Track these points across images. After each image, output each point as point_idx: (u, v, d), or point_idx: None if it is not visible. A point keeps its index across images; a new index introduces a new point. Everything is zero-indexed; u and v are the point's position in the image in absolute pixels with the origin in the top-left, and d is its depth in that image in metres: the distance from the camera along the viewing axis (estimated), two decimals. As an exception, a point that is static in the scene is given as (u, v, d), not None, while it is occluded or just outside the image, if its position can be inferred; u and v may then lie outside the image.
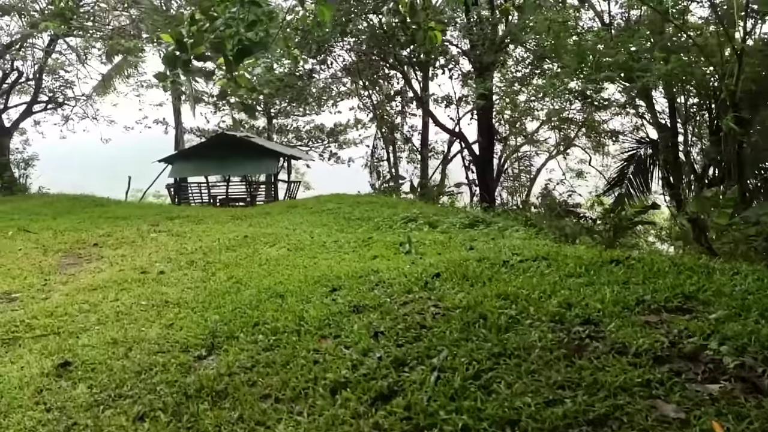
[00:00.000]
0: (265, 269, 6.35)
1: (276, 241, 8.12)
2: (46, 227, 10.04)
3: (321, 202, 13.29)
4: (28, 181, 16.74)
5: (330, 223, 10.46)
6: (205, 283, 6.04)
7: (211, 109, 30.68)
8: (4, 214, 11.44)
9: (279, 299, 5.07)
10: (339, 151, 32.56)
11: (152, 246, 8.37)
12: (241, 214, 11.91)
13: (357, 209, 12.13)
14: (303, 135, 32.41)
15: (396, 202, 13.40)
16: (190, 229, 9.64)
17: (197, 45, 4.61)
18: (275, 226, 10.13)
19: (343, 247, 7.17)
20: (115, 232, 9.47)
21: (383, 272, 5.32)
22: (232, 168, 21.87)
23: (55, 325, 5.05)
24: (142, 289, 5.98)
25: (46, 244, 8.58)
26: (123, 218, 11.38)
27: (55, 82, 17.54)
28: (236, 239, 8.40)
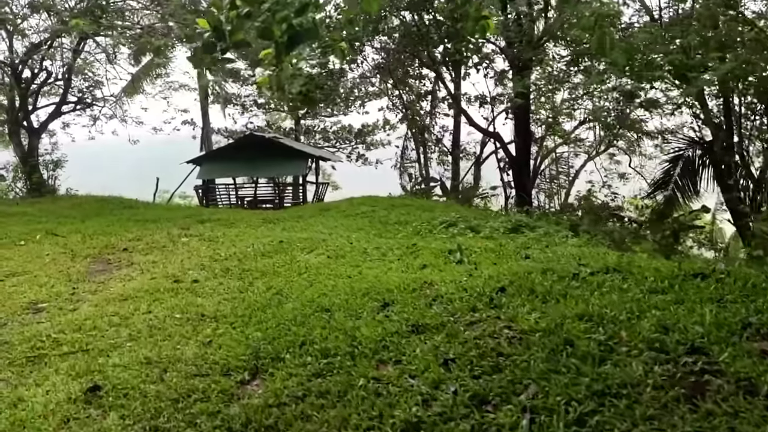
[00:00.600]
0: (306, 279, 5.91)
1: (313, 246, 7.68)
2: (75, 230, 9.76)
3: (354, 205, 12.84)
4: (57, 183, 16.61)
5: (366, 228, 10.00)
6: (242, 294, 5.61)
7: (238, 110, 30.55)
8: (33, 217, 11.22)
9: (325, 314, 4.62)
10: (366, 152, 32.17)
11: (184, 251, 8.00)
12: (273, 217, 11.52)
13: (392, 213, 11.66)
14: (330, 136, 32.07)
15: (432, 205, 12.90)
16: (222, 233, 9.26)
17: (236, 31, 4.19)
18: (310, 230, 9.70)
19: (387, 255, 6.70)
20: (145, 236, 9.14)
21: (438, 285, 4.84)
22: (260, 169, 21.56)
23: (83, 340, 4.67)
24: (176, 299, 5.58)
25: (74, 249, 8.27)
26: (152, 221, 11.07)
27: (84, 83, 17.44)
28: (271, 244, 7.98)
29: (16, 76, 15.02)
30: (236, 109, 30.52)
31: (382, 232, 9.55)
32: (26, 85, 15.45)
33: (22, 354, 4.50)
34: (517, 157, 16.27)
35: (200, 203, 22.72)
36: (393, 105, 23.96)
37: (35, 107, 16.63)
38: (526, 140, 15.96)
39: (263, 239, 8.53)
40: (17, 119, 15.59)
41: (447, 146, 22.67)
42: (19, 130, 15.98)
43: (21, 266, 7.42)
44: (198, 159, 22.63)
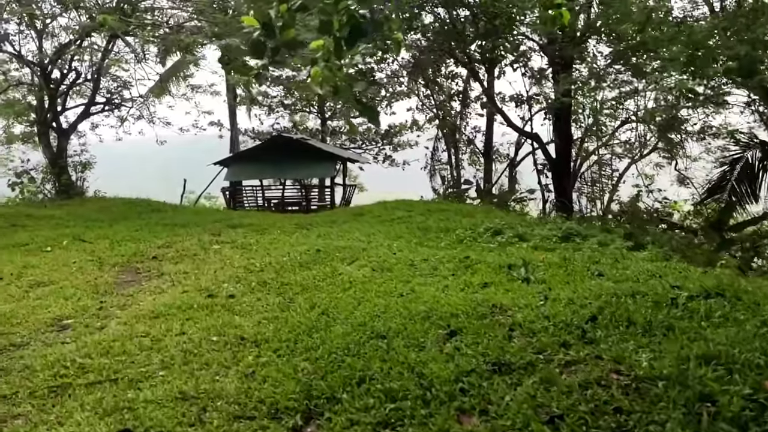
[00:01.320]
0: (352, 296, 5.35)
1: (354, 257, 7.13)
2: (102, 236, 9.35)
3: (389, 210, 12.28)
4: (85, 185, 16.33)
5: (405, 235, 9.42)
6: (284, 313, 5.07)
7: (265, 111, 30.24)
8: (60, 221, 10.86)
9: (381, 342, 4.07)
10: (394, 153, 31.63)
11: (216, 260, 7.51)
12: (306, 223, 11.01)
13: (431, 218, 11.07)
14: (356, 137, 31.58)
15: (471, 209, 12.27)
16: (255, 240, 8.77)
17: (288, 27, 3.65)
18: (346, 237, 9.16)
19: (439, 269, 6.11)
20: (175, 243, 8.68)
21: (511, 310, 4.23)
22: (289, 171, 21.13)
23: (111, 367, 4.16)
24: (211, 318, 5.06)
25: (102, 257, 7.83)
26: (181, 226, 10.64)
27: (113, 83, 17.15)
28: (308, 254, 7.45)
29: (45, 76, 14.77)
30: (263, 110, 30.25)
31: (423, 240, 8.97)
32: (55, 85, 15.20)
33: (45, 383, 4.01)
34: (557, 159, 15.55)
35: (227, 205, 22.38)
36: (423, 105, 23.33)
37: (64, 108, 16.39)
38: (566, 141, 15.23)
39: (299, 247, 8.02)
40: (46, 120, 15.35)
41: (479, 147, 21.97)
42: (48, 131, 15.74)
43: (47, 275, 7.00)
44: (226, 160, 22.29)
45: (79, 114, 16.32)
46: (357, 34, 3.30)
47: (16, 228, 9.97)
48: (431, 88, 21.25)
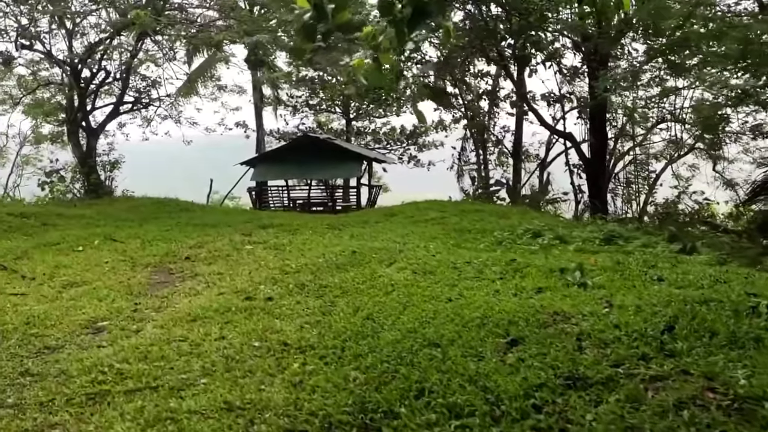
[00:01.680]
0: (396, 300, 5.10)
1: (391, 258, 6.88)
2: (133, 235, 9.24)
3: (421, 210, 12.02)
4: (114, 184, 16.34)
5: (441, 236, 9.16)
6: (326, 317, 4.84)
7: (289, 111, 30.19)
8: (91, 220, 10.80)
9: (436, 351, 3.81)
10: (419, 153, 31.38)
11: (250, 261, 7.32)
12: (337, 223, 10.79)
13: (465, 219, 10.80)
14: (381, 137, 31.39)
15: (505, 210, 11.95)
16: (287, 240, 8.57)
17: (341, 10, 3.41)
18: (380, 238, 8.92)
19: (484, 273, 5.83)
20: (207, 243, 8.52)
21: (574, 318, 3.95)
22: (316, 171, 20.98)
23: (150, 373, 3.97)
24: (251, 322, 4.85)
25: (134, 257, 7.70)
26: (212, 226, 10.50)
27: (142, 82, 17.15)
28: (344, 255, 7.22)
29: (75, 75, 14.80)
30: (287, 111, 30.19)
31: (460, 242, 8.69)
32: (85, 84, 15.22)
33: (82, 389, 3.83)
34: (592, 158, 15.13)
35: (253, 205, 22.33)
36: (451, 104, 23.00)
37: (94, 107, 16.42)
38: (602, 141, 14.81)
39: (334, 248, 7.79)
40: (76, 119, 15.38)
41: (507, 147, 21.60)
42: (77, 130, 15.78)
43: (79, 275, 6.87)
44: (252, 160, 22.23)
45: (108, 113, 16.34)
46: (421, 16, 3.04)
47: (47, 227, 9.92)
48: (459, 87, 20.93)
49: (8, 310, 5.59)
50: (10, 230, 9.49)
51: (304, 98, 29.75)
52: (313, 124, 31.25)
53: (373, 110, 29.78)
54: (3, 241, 8.81)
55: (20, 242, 8.70)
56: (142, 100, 17.35)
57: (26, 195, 19.18)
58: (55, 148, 21.88)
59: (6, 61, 13.09)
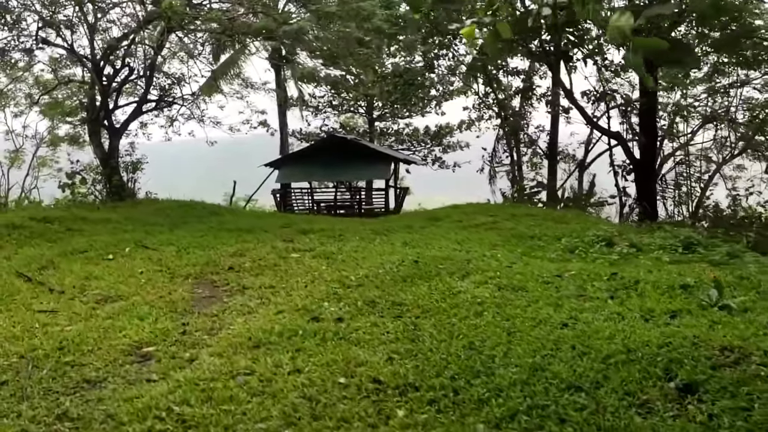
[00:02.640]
0: (494, 324, 4.30)
1: (462, 270, 6.08)
2: (166, 242, 8.50)
3: (468, 214, 11.22)
4: (136, 186, 15.63)
5: (502, 243, 8.35)
6: (416, 345, 4.05)
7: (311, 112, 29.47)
8: (117, 225, 10.08)
9: (581, 396, 3.01)
10: (444, 154, 30.59)
11: (301, 272, 6.55)
12: (382, 228, 9.98)
13: (520, 224, 9.98)
14: (405, 138, 30.62)
15: (559, 215, 11.11)
16: (336, 247, 7.78)
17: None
18: (436, 245, 8.11)
19: (586, 290, 5.01)
20: (248, 251, 7.76)
21: (754, 354, 3.12)
22: (343, 173, 20.22)
23: (220, 421, 3.20)
24: (326, 350, 4.07)
25: (171, 267, 6.95)
26: (247, 231, 9.74)
27: (166, 80, 16.45)
28: (405, 265, 6.44)
29: (97, 71, 14.13)
30: (309, 111, 29.47)
31: (526, 249, 7.88)
32: (108, 81, 14.55)
33: (136, 442, 3.07)
34: (642, 159, 14.22)
35: (278, 208, 21.60)
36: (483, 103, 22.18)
37: (116, 105, 15.75)
38: (652, 140, 13.90)
39: (390, 257, 7.02)
40: (98, 118, 14.71)
41: (542, 148, 20.72)
42: (99, 129, 15.10)
43: (113, 288, 6.13)
44: (276, 162, 21.51)
45: (131, 112, 15.65)
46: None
47: (72, 232, 9.20)
48: (492, 85, 20.08)
49: (37, 332, 4.85)
50: (33, 236, 8.78)
51: (327, 98, 29.04)
52: (336, 124, 30.54)
53: (398, 110, 28.99)
54: (26, 248, 8.10)
55: (44, 249, 7.98)
56: (166, 98, 16.63)
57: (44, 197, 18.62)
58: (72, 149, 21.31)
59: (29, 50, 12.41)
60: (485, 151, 22.79)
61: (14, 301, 5.71)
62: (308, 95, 28.15)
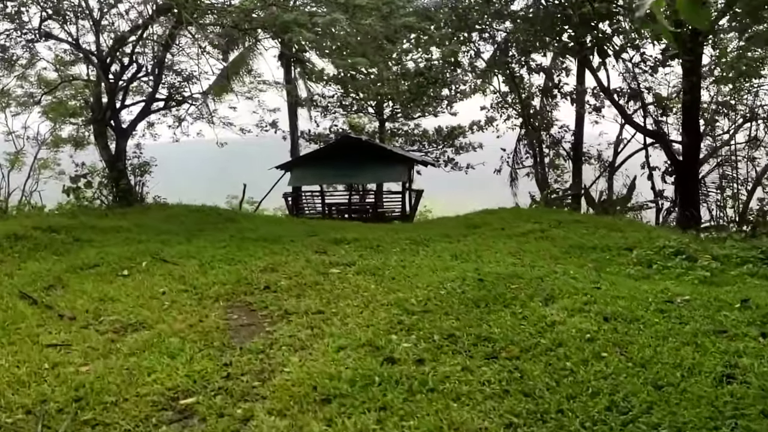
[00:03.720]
0: (625, 371, 3.41)
1: (542, 292, 5.20)
2: (185, 254, 7.60)
3: (507, 221, 10.34)
4: (144, 190, 14.74)
5: (563, 256, 7.48)
6: (535, 402, 3.16)
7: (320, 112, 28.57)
8: (129, 234, 9.17)
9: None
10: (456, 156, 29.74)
11: (349, 293, 5.65)
12: (418, 236, 9.06)
13: (570, 232, 9.09)
14: (416, 138, 29.74)
15: (609, 222, 10.21)
16: (379, 261, 6.89)
17: None
18: (489, 259, 7.23)
19: (724, 323, 4.11)
20: (280, 265, 6.87)
21: None
22: (359, 175, 19.35)
23: None
24: (420, 410, 3.21)
25: (197, 285, 6.05)
26: (272, 240, 8.85)
27: (177, 77, 15.53)
28: (468, 284, 5.56)
29: (104, 68, 13.23)
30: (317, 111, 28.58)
31: (597, 264, 6.98)
32: (115, 79, 13.65)
33: None
34: (684, 160, 13.33)
35: (289, 212, 20.73)
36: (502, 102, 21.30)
37: (123, 105, 14.85)
38: (695, 140, 13.01)
39: (446, 274, 6.13)
40: (104, 118, 13.82)
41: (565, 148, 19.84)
42: (105, 130, 14.20)
43: (133, 313, 5.23)
44: (288, 164, 20.64)
45: (139, 112, 14.75)
46: None
47: (81, 243, 8.31)
48: (512, 83, 19.18)
49: (47, 375, 3.97)
50: (37, 248, 7.88)
51: (336, 98, 28.14)
52: (345, 125, 29.66)
53: (411, 110, 28.12)
54: (30, 262, 7.21)
55: (50, 264, 7.09)
56: (176, 97, 15.72)
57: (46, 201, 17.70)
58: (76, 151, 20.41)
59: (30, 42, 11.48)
60: (504, 152, 21.92)
61: (18, 332, 4.82)
62: (317, 95, 27.29)
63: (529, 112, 19.10)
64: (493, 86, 21.38)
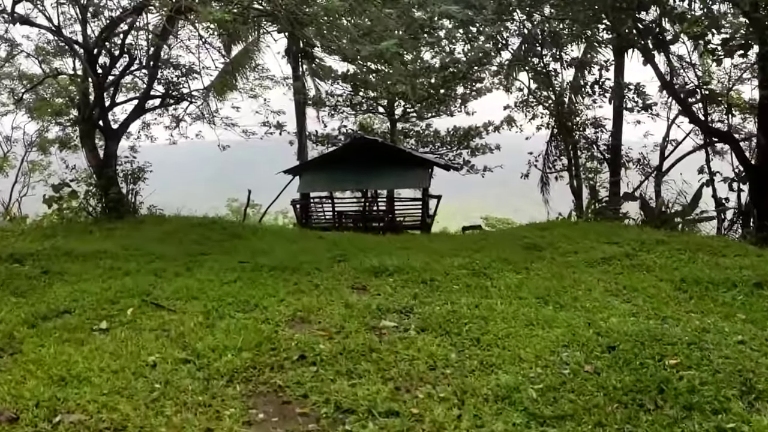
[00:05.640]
0: None
1: (728, 379, 3.44)
2: (185, 293, 5.82)
3: (574, 241, 8.57)
4: (137, 200, 12.91)
5: (682, 297, 5.70)
6: None
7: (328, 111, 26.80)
8: (113, 261, 7.32)
9: None
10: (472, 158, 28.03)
11: (424, 369, 3.91)
12: (473, 264, 7.26)
13: (664, 258, 7.32)
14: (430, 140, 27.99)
15: (700, 240, 8.43)
16: (446, 306, 5.13)
17: None
18: (591, 302, 5.46)
19: None
20: (312, 312, 5.13)
21: None
22: (375, 180, 17.58)
23: None
24: None
25: (202, 352, 4.25)
26: (292, 269, 7.07)
27: (175, 71, 13.72)
28: (599, 358, 3.87)
29: (91, 61, 11.45)
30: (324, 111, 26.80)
31: (740, 311, 5.21)
32: (104, 73, 11.87)
33: None
34: (758, 164, 11.58)
35: (298, 221, 18.95)
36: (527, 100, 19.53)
37: (114, 102, 13.07)
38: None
39: (550, 333, 4.44)
40: (92, 117, 12.04)
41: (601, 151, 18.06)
42: (93, 131, 12.41)
43: (106, 408, 3.47)
44: (297, 168, 18.85)
45: (131, 110, 12.95)
46: None
47: (51, 277, 6.51)
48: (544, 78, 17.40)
49: None
50: (-7, 284, 6.11)
51: (346, 96, 26.36)
52: (355, 125, 27.91)
53: (427, 109, 26.37)
54: (-23, 307, 5.43)
55: (5, 311, 5.31)
56: (173, 94, 13.91)
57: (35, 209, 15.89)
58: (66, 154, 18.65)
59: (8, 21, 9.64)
60: (531, 155, 20.14)
61: None
62: (325, 93, 25.53)
63: (563, 110, 17.31)
64: (520, 81, 19.60)
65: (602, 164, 17.95)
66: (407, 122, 28.59)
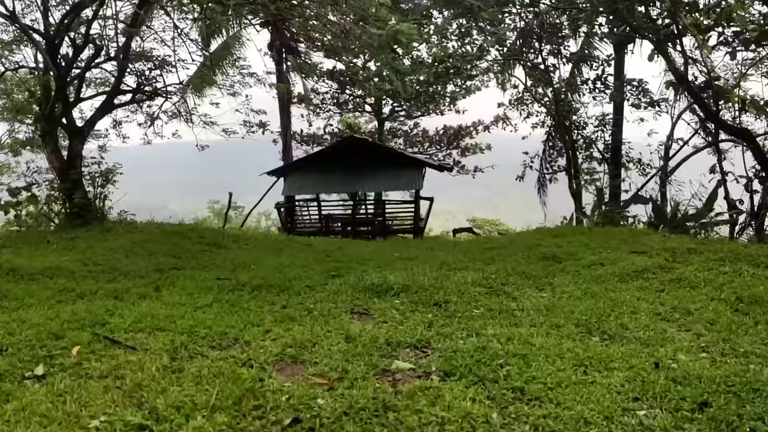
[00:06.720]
0: None
1: None
2: (149, 322, 4.77)
3: (596, 250, 7.67)
4: (106, 205, 11.77)
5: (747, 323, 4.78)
6: None
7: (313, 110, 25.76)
8: (67, 281, 6.22)
9: None
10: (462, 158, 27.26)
11: (461, 440, 2.91)
12: (488, 280, 6.33)
13: (705, 270, 6.41)
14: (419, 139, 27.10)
15: (733, 246, 7.54)
16: (469, 339, 4.16)
17: None
18: (641, 329, 4.53)
19: None
20: (306, 349, 4.13)
21: None
22: (367, 182, 16.64)
23: None
24: None
25: (162, 413, 3.23)
26: (279, 288, 6.08)
27: (147, 63, 12.57)
28: (691, 419, 2.86)
29: (52, 51, 10.32)
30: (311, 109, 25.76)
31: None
32: (66, 65, 10.74)
33: None
34: (780, 164, 10.83)
35: (283, 226, 17.91)
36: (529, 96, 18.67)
37: (79, 98, 11.91)
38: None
39: (610, 380, 3.48)
40: (53, 114, 10.90)
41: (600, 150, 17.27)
42: (56, 129, 11.28)
43: None
44: (281, 169, 17.81)
45: (99, 107, 11.80)
46: None
47: (-13, 302, 5.42)
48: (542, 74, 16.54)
49: None
50: None
51: (331, 94, 25.35)
52: (341, 124, 26.92)
53: (414, 108, 25.46)
54: None
55: None
56: (145, 89, 12.79)
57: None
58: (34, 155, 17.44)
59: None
60: (526, 155, 19.30)
61: None
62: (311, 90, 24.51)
63: (561, 108, 16.46)
64: (516, 77, 18.75)
65: (602, 164, 17.16)
66: (395, 121, 27.70)
